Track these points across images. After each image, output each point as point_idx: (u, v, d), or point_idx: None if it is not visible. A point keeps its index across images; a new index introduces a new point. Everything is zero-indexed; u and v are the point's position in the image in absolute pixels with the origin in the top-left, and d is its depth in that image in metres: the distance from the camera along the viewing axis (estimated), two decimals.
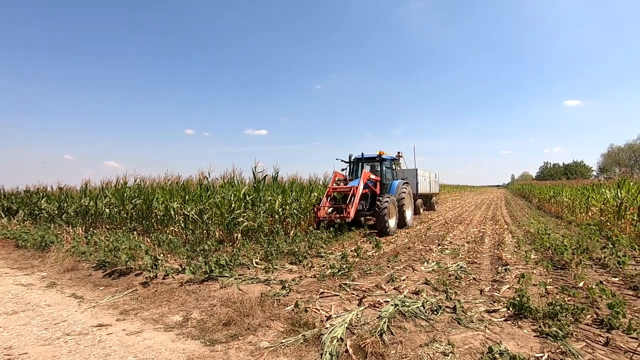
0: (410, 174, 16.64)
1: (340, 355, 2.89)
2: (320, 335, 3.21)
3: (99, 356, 3.01)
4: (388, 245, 8.36)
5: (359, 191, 9.57)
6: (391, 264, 6.20)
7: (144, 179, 11.54)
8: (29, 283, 5.48)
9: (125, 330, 3.55)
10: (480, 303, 4.10)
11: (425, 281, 5.01)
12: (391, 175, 12.30)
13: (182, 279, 5.20)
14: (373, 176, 10.95)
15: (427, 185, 18.72)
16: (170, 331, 3.51)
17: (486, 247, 7.86)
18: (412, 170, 17.00)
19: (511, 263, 6.10)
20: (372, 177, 10.87)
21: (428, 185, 18.83)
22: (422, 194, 17.57)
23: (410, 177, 16.43)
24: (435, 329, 3.39)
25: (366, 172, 10.42)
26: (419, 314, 3.72)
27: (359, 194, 9.52)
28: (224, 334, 3.39)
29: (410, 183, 16.12)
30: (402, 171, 16.50)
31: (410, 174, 16.65)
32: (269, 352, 3.01)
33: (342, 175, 11.12)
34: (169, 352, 3.06)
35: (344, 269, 5.66)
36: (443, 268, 5.79)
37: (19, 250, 8.07)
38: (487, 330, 3.37)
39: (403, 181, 12.16)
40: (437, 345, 3.05)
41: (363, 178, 10.00)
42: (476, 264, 6.23)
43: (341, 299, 4.33)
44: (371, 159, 11.80)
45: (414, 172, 16.89)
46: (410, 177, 16.44)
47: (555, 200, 17.62)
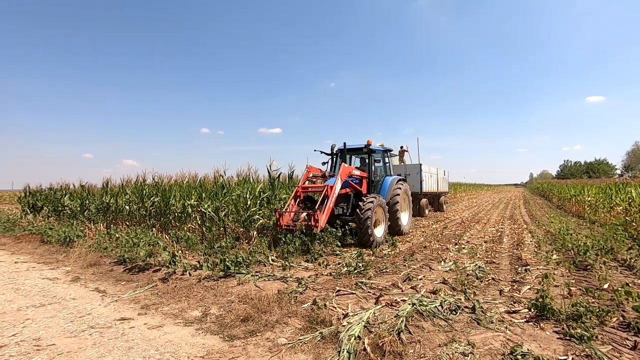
0: (414, 170, 15.16)
1: (358, 354, 2.89)
2: (338, 333, 3.21)
3: (123, 349, 3.09)
4: (404, 244, 8.30)
5: (335, 191, 7.49)
6: (407, 262, 6.14)
7: (161, 177, 11.77)
8: (55, 277, 5.68)
9: (146, 324, 3.64)
10: (500, 303, 4.03)
11: (443, 281, 4.95)
12: (383, 170, 10.18)
13: (200, 275, 5.29)
14: (357, 172, 8.79)
15: (434, 183, 17.05)
16: (189, 326, 3.58)
17: (505, 247, 7.70)
18: (416, 165, 15.44)
19: (531, 263, 5.96)
20: (356, 173, 8.70)
21: (435, 183, 17.20)
22: (428, 192, 16.03)
23: (413, 174, 14.95)
24: (454, 329, 3.35)
25: (346, 166, 8.24)
26: (437, 314, 3.67)
27: (334, 194, 7.43)
28: (242, 329, 3.44)
29: (414, 180, 14.84)
30: (405, 167, 15.44)
31: (413, 170, 15.18)
32: (286, 348, 3.04)
33: (318, 170, 9.03)
34: (189, 347, 3.12)
35: (360, 267, 5.65)
36: (461, 268, 5.71)
37: (44, 246, 8.36)
38: (507, 331, 3.30)
39: (398, 178, 10.01)
40: (456, 345, 3.01)
41: (341, 174, 7.86)
42: (495, 263, 6.12)
43: (358, 297, 4.32)
44: (357, 150, 9.48)
45: (418, 167, 15.25)
46: (413, 173, 15.00)
47: (577, 200, 17.08)
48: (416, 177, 14.98)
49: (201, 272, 5.42)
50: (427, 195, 16.29)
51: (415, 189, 14.57)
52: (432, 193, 16.84)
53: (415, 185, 14.68)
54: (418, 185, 14.82)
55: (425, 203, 15.67)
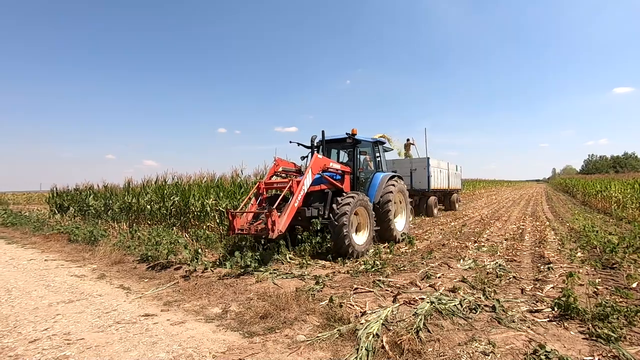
0: (421, 165, 13.90)
1: (376, 351, 2.89)
2: (356, 331, 3.22)
3: (147, 344, 3.20)
4: (422, 242, 8.22)
5: (303, 186, 6.08)
6: (425, 260, 6.08)
7: (181, 177, 12.03)
8: (82, 274, 5.91)
9: (169, 320, 3.75)
10: (521, 302, 3.95)
11: (462, 279, 4.88)
12: (374, 165, 8.71)
13: (220, 273, 5.40)
14: (337, 165, 7.41)
15: (444, 179, 15.67)
16: (210, 322, 3.66)
17: (526, 245, 7.51)
18: (423, 159, 14.09)
19: (554, 261, 5.80)
20: (335, 167, 7.30)
21: (445, 179, 15.82)
22: (437, 189, 14.69)
23: (420, 169, 13.81)
24: (474, 328, 3.31)
25: (319, 158, 6.69)
26: (456, 312, 3.63)
27: (300, 191, 6.00)
28: (262, 326, 3.49)
29: (420, 176, 13.78)
30: (411, 161, 14.38)
31: (420, 164, 13.95)
32: (305, 345, 3.07)
33: (291, 164, 7.64)
34: (211, 343, 3.19)
35: (377, 265, 5.63)
36: (480, 266, 5.61)
37: (71, 244, 8.70)
38: (530, 330, 3.24)
39: (391, 174, 8.52)
40: (477, 344, 2.98)
41: (312, 167, 6.42)
42: (516, 262, 5.98)
43: (375, 295, 4.31)
44: (339, 141, 8.05)
45: (425, 162, 13.84)
46: (420, 168, 13.83)
47: (603, 196, 16.47)
48: (423, 173, 13.80)
49: (221, 270, 5.52)
50: (437, 192, 15.02)
51: (422, 186, 13.76)
52: (442, 190, 15.56)
53: (422, 182, 13.76)
54: (425, 182, 13.69)
55: (434, 201, 14.45)
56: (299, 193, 5.96)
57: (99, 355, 3.01)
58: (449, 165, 16.57)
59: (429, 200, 14.14)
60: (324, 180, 7.04)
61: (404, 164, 14.36)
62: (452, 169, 16.95)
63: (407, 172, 13.96)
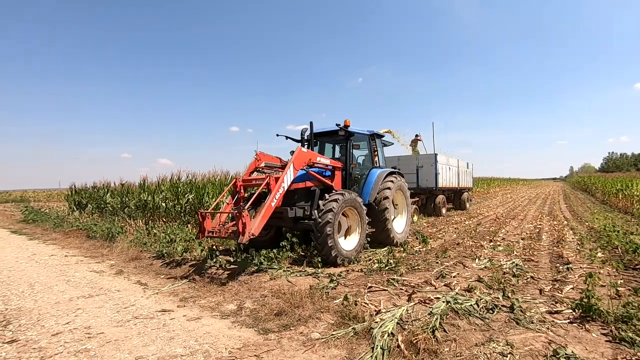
0: (428, 162, 13.22)
1: (391, 350, 2.87)
2: (371, 329, 3.21)
3: (165, 339, 3.25)
4: (435, 240, 8.13)
5: (283, 183, 5.49)
6: (440, 260, 6.02)
7: (195, 175, 12.19)
8: (100, 270, 6.05)
9: (185, 316, 3.80)
10: (540, 303, 3.86)
11: (478, 278, 4.81)
12: (370, 160, 7.93)
13: (234, 270, 5.45)
14: (325, 160, 6.63)
15: (454, 177, 14.90)
16: (226, 319, 3.70)
17: (544, 244, 7.35)
18: (430, 156, 13.41)
19: (574, 262, 5.66)
20: (323, 162, 6.53)
21: (455, 177, 15.08)
22: (445, 188, 13.98)
23: (427, 166, 13.13)
24: (491, 328, 3.25)
25: (303, 151, 6.03)
26: (472, 312, 3.58)
27: (279, 188, 5.41)
28: (276, 323, 3.51)
29: (427, 173, 13.10)
30: (417, 158, 13.81)
31: (427, 161, 13.28)
32: (320, 343, 3.07)
33: (276, 159, 6.85)
34: (226, 339, 3.23)
35: (391, 264, 5.60)
36: (496, 265, 5.52)
37: (90, 241, 8.91)
38: (549, 332, 3.17)
39: (389, 170, 7.78)
40: (494, 345, 2.93)
41: (295, 161, 5.78)
42: (533, 261, 5.86)
43: (390, 294, 4.29)
44: (331, 133, 7.28)
45: (432, 158, 13.14)
46: (427, 165, 13.16)
47: (624, 194, 15.98)
48: (430, 170, 13.07)
49: (235, 267, 5.57)
50: (445, 191, 14.30)
51: (429, 184, 13.16)
52: (451, 189, 14.80)
53: (429, 180, 13.14)
54: (432, 179, 13.03)
55: (442, 200, 13.77)
56: (277, 191, 5.36)
57: (119, 349, 3.08)
58: (459, 162, 15.86)
59: (437, 199, 13.50)
60: (310, 177, 6.36)
61: (410, 161, 13.86)
62: (462, 166, 16.23)
63: (414, 169, 13.47)
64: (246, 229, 4.78)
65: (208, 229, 5.35)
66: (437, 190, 13.25)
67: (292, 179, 5.70)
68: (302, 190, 6.34)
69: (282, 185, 5.49)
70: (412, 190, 13.14)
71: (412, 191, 13.18)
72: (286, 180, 5.58)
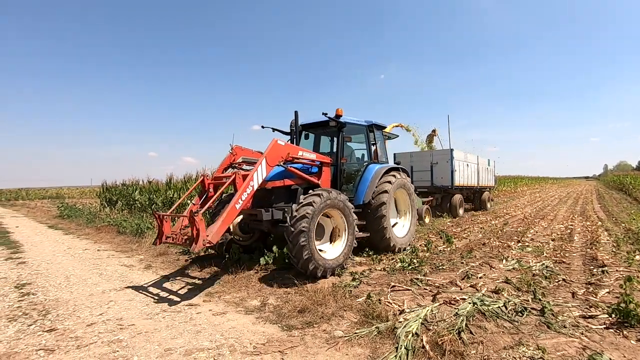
0: (443, 158, 12.35)
1: (416, 351, 2.83)
2: (395, 329, 3.18)
3: (192, 332, 3.34)
4: (460, 240, 7.94)
5: (252, 182, 4.71)
6: (465, 260, 5.87)
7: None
8: (130, 264, 6.29)
9: (211, 310, 3.90)
10: (573, 307, 3.70)
11: (506, 280, 4.66)
12: (368, 154, 7.06)
13: (258, 267, 5.53)
14: (310, 155, 5.75)
15: (472, 174, 13.84)
16: (250, 314, 3.77)
17: (576, 246, 7.03)
18: (446, 152, 12.53)
19: (609, 264, 5.39)
20: (308, 157, 5.70)
21: (474, 175, 13.98)
22: (463, 186, 12.98)
23: (442, 162, 12.28)
24: (520, 332, 3.15)
25: (280, 144, 5.18)
26: (500, 315, 3.48)
27: (246, 188, 4.63)
28: (300, 320, 3.54)
29: (442, 171, 12.29)
30: (432, 154, 12.99)
31: (442, 157, 12.41)
32: (343, 341, 3.07)
33: (255, 153, 6.18)
34: (251, 334, 3.28)
35: (415, 263, 5.52)
36: (525, 267, 5.33)
37: (120, 236, 9.29)
38: (583, 337, 3.03)
39: (390, 166, 6.92)
40: (524, 349, 2.83)
41: (267, 156, 4.95)
42: (565, 263, 5.62)
43: (413, 294, 4.23)
44: (322, 125, 6.56)
45: (448, 154, 12.21)
46: (442, 161, 12.30)
47: None
48: (446, 167, 12.19)
49: (259, 263, 5.65)
50: (463, 190, 13.30)
51: (444, 182, 12.38)
52: (469, 187, 13.76)
53: (444, 177, 12.34)
54: (448, 177, 12.19)
55: (459, 200, 12.66)
56: (243, 190, 4.60)
57: (149, 340, 3.19)
58: (479, 159, 14.76)
59: (453, 199, 12.50)
60: (290, 174, 5.54)
61: (423, 157, 13.07)
62: (482, 163, 15.11)
63: (427, 167, 12.78)
64: (200, 236, 4.01)
65: (166, 234, 4.66)
66: (453, 188, 12.37)
67: (264, 177, 4.92)
68: (281, 189, 5.52)
69: (251, 184, 4.70)
70: (426, 189, 12.70)
71: (426, 190, 12.72)
72: (256, 178, 4.77)
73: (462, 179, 12.88)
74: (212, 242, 4.15)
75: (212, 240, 4.14)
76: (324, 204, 4.94)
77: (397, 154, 13.76)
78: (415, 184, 13.04)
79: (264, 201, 5.46)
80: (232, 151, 5.86)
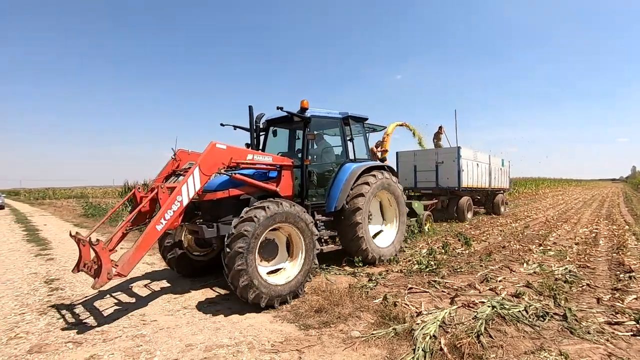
0: (449, 157, 11.36)
1: (434, 353, 2.82)
2: (412, 331, 3.17)
3: (212, 329, 3.42)
4: (479, 243, 7.80)
5: (175, 199, 3.81)
6: (484, 263, 5.77)
7: None
8: (152, 262, 6.48)
9: (230, 308, 3.97)
10: (598, 313, 3.60)
11: (527, 284, 4.56)
12: (344, 151, 5.98)
13: None
14: (264, 158, 4.81)
15: (483, 175, 12.76)
16: (267, 313, 3.82)
17: (601, 250, 6.80)
18: (452, 150, 11.53)
19: (637, 270, 5.19)
20: (262, 160, 4.76)
21: (485, 175, 12.89)
22: (472, 188, 11.98)
23: (448, 161, 11.32)
24: (542, 337, 3.08)
25: (218, 148, 4.26)
26: (521, 319, 3.41)
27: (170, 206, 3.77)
28: (316, 320, 3.57)
29: (448, 171, 11.36)
30: (437, 152, 12.02)
31: (448, 156, 11.43)
32: (360, 342, 3.08)
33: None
34: (269, 332, 3.33)
35: (432, 265, 5.47)
36: (547, 271, 5.20)
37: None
38: (608, 344, 2.94)
39: (368, 164, 5.94)
40: (546, 354, 2.77)
41: (201, 163, 4.06)
42: (589, 268, 5.45)
43: (431, 296, 4.19)
44: (287, 120, 5.51)
45: (455, 152, 11.24)
46: (448, 160, 11.34)
47: None
48: (452, 166, 11.23)
49: None
50: (473, 191, 12.33)
51: (450, 183, 11.44)
52: (479, 189, 12.69)
53: (450, 178, 11.39)
54: (455, 178, 11.24)
55: (466, 203, 11.66)
56: (168, 207, 3.74)
57: (170, 336, 3.29)
58: (491, 158, 13.65)
59: (461, 202, 11.50)
60: (237, 182, 4.56)
61: (428, 156, 12.14)
62: (495, 163, 14.00)
63: (432, 166, 11.86)
64: (103, 269, 3.29)
65: (84, 261, 3.75)
66: (460, 190, 11.42)
67: (198, 188, 4.02)
68: (231, 200, 4.54)
69: (178, 199, 3.83)
70: (431, 190, 11.90)
71: (430, 192, 11.91)
72: (185, 191, 3.89)
73: (471, 180, 11.89)
74: (123, 274, 3.43)
75: (123, 272, 3.42)
76: (270, 219, 4.00)
77: (400, 153, 13.09)
78: (418, 185, 12.33)
79: (213, 214, 4.56)
80: (174, 157, 4.97)
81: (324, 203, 5.49)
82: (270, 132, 6.00)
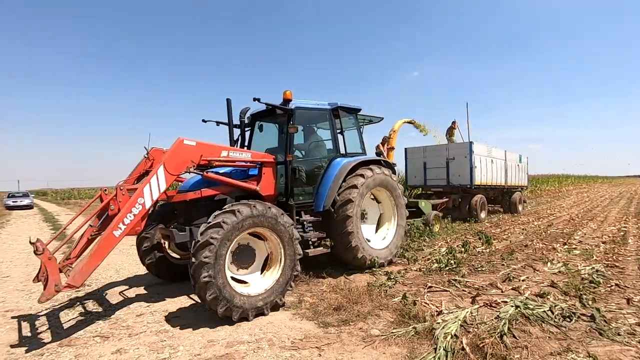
0: (461, 152, 10.75)
1: (455, 353, 2.78)
2: (433, 330, 3.13)
3: (232, 326, 3.47)
4: (500, 242, 7.62)
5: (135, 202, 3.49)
6: (506, 262, 5.64)
7: None
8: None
9: None
10: (628, 314, 3.46)
11: (551, 283, 4.43)
12: (334, 145, 5.50)
13: None
14: (242, 154, 4.46)
15: (498, 172, 12.14)
16: (287, 311, 3.85)
17: (631, 249, 6.53)
18: (464, 145, 10.96)
19: None
20: (240, 157, 4.42)
21: (500, 172, 12.27)
22: (486, 185, 11.39)
23: (460, 158, 10.69)
24: (568, 338, 2.99)
25: (186, 144, 3.90)
26: (546, 319, 3.32)
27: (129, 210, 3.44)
28: (335, 318, 3.57)
29: (459, 167, 10.75)
30: (448, 148, 11.41)
31: (460, 151, 10.82)
32: (380, 340, 3.07)
33: None
34: (288, 330, 3.36)
35: (452, 264, 5.39)
36: (573, 270, 5.03)
37: None
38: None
39: (361, 159, 5.48)
40: (573, 355, 2.69)
41: (166, 161, 3.72)
42: (618, 267, 5.24)
43: (451, 295, 4.13)
44: (271, 114, 5.17)
45: (467, 148, 10.65)
46: (460, 156, 10.71)
47: None
48: (464, 163, 10.62)
49: None
50: (487, 189, 11.72)
51: (462, 180, 10.78)
52: (494, 187, 12.05)
53: (462, 175, 10.76)
54: (467, 175, 10.60)
55: (479, 201, 10.99)
56: (127, 211, 3.42)
57: (193, 332, 3.36)
58: (507, 154, 12.95)
59: (473, 200, 10.87)
60: (210, 182, 4.23)
61: (438, 152, 11.57)
62: (511, 159, 13.28)
63: (443, 163, 11.27)
64: (50, 280, 3.02)
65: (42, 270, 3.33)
66: (472, 188, 10.77)
67: (163, 189, 3.68)
68: (204, 201, 4.18)
69: (140, 202, 3.50)
70: (441, 188, 11.42)
71: (441, 189, 11.44)
72: (148, 193, 3.56)
73: (485, 177, 11.24)
74: (75, 285, 3.10)
75: (74, 283, 3.08)
76: (242, 224, 3.64)
77: (409, 149, 12.59)
78: (428, 183, 11.80)
79: (187, 217, 4.25)
80: (147, 155, 4.69)
81: (312, 202, 5.10)
82: (256, 127, 5.56)
